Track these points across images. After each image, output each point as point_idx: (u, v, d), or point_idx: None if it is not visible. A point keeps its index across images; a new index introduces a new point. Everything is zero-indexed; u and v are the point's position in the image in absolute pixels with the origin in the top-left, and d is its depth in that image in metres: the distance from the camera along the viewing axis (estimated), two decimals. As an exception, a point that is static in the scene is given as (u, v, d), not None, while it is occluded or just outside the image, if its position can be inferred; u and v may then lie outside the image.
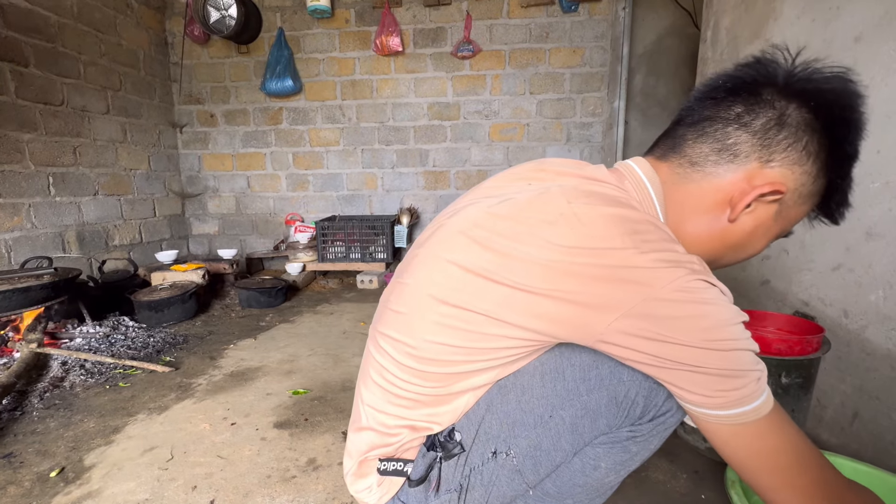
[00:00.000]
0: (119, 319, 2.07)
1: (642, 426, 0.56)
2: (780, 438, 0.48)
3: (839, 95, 0.51)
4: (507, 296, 0.50)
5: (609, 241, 0.47)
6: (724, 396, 0.46)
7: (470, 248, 0.53)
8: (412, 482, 0.62)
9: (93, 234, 2.52)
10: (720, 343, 0.45)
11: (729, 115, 0.53)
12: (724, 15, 1.62)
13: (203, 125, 3.27)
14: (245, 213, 3.39)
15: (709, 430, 0.49)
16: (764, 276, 1.39)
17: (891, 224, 0.97)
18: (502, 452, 0.59)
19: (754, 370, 0.46)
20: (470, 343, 0.54)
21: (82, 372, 1.58)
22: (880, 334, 1.00)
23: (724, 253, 0.58)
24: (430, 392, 0.59)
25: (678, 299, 0.45)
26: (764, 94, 0.52)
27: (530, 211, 0.52)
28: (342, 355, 1.77)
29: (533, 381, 0.58)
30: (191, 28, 3.03)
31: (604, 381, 0.55)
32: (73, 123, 2.40)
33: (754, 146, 0.52)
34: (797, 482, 0.49)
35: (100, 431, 1.24)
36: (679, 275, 0.45)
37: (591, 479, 0.59)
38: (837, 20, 1.12)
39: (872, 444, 1.02)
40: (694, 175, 0.55)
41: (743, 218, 0.55)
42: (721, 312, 0.46)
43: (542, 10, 2.93)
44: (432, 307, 0.55)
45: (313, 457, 1.12)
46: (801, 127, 0.51)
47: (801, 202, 0.54)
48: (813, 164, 0.52)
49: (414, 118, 3.16)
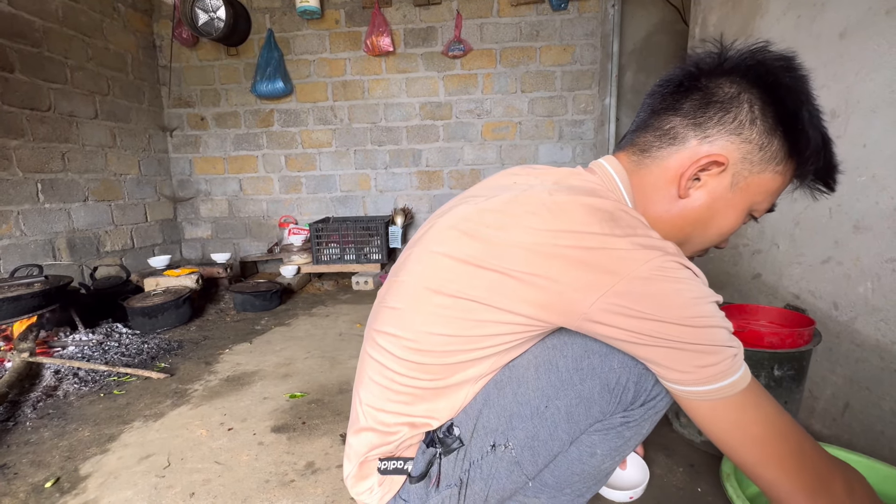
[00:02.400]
0: (112, 326, 2.05)
1: (634, 411, 0.57)
2: (759, 411, 0.51)
3: (761, 63, 0.55)
4: (497, 281, 0.53)
5: (588, 227, 0.51)
6: (700, 372, 0.48)
7: (459, 240, 0.56)
8: (413, 479, 0.62)
9: (84, 241, 2.49)
10: (694, 319, 0.48)
11: (664, 105, 0.59)
12: (712, 11, 1.63)
13: (193, 128, 3.25)
14: (238, 217, 3.37)
15: (690, 408, 0.52)
16: (755, 270, 1.40)
17: (877, 217, 0.99)
18: (501, 445, 0.60)
19: (729, 346, 0.49)
20: (465, 331, 0.56)
21: (76, 380, 1.56)
22: (869, 325, 1.02)
23: (691, 231, 0.61)
24: (428, 385, 0.60)
25: (653, 277, 0.48)
26: (697, 82, 0.57)
27: (515, 204, 0.56)
28: (339, 357, 1.76)
29: (527, 373, 0.59)
30: (179, 31, 3.00)
31: (595, 370, 0.57)
32: (60, 129, 2.37)
33: (687, 126, 0.57)
34: (778, 452, 0.51)
35: (95, 440, 1.23)
36: (654, 256, 0.49)
37: (587, 466, 0.60)
38: (822, 16, 1.13)
39: (863, 433, 1.04)
40: (645, 161, 0.61)
41: (695, 193, 0.58)
42: (693, 290, 0.49)
43: (532, 8, 2.93)
44: (428, 299, 0.58)
45: (311, 460, 1.12)
46: (728, 100, 0.55)
47: (759, 169, 0.56)
48: (753, 130, 0.54)
49: (406, 118, 3.15)
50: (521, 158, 3.14)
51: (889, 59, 0.95)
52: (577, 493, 0.64)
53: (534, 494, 0.64)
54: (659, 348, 0.49)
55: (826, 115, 0.58)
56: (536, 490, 0.63)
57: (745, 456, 0.52)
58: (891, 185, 0.95)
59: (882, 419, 0.99)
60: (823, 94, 1.10)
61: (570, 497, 0.64)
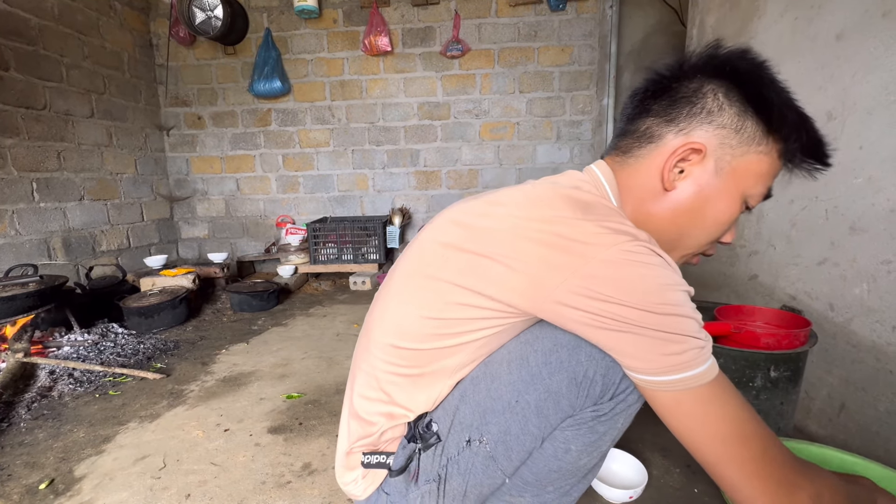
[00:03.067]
0: (108, 326, 2.04)
1: (604, 405, 0.57)
2: (724, 408, 0.50)
3: (714, 56, 0.58)
4: (471, 262, 0.56)
5: (559, 211, 0.53)
6: (663, 360, 0.48)
7: (447, 228, 0.61)
8: (393, 473, 0.64)
9: (79, 240, 2.48)
10: (658, 305, 0.47)
11: (636, 111, 0.63)
12: (710, 13, 1.63)
13: (190, 128, 3.23)
14: (235, 216, 3.36)
15: (654, 399, 0.52)
16: (752, 271, 1.41)
17: (874, 218, 0.99)
18: (475, 440, 0.61)
19: (695, 338, 0.48)
20: (440, 314, 0.58)
21: (71, 381, 1.55)
22: (865, 327, 1.02)
23: (683, 223, 0.61)
24: (405, 372, 0.63)
25: (620, 260, 0.48)
26: (661, 85, 0.61)
27: (501, 196, 0.60)
28: (336, 358, 1.76)
29: (500, 369, 0.61)
30: (176, 29, 2.99)
31: (563, 364, 0.57)
32: (56, 128, 2.35)
33: (661, 124, 0.60)
34: (740, 454, 0.49)
35: (90, 441, 1.22)
36: (622, 240, 0.49)
37: (564, 462, 0.60)
38: (819, 18, 1.13)
39: (859, 434, 1.04)
40: (628, 161, 0.63)
41: (681, 184, 0.59)
42: (661, 277, 0.49)
43: (531, 8, 2.94)
44: (410, 282, 0.62)
45: (308, 461, 1.11)
46: (692, 93, 0.58)
47: (740, 152, 0.57)
48: (723, 115, 0.57)
49: (404, 118, 3.15)
50: (519, 158, 3.15)
51: (885, 62, 0.96)
52: (561, 492, 0.64)
53: (518, 493, 0.64)
54: (622, 333, 0.49)
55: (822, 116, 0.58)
56: (519, 489, 0.64)
57: (706, 454, 0.51)
58: (887, 186, 0.96)
59: (878, 420, 1.00)
60: (820, 95, 1.11)
61: (554, 495, 0.64)
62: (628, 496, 0.93)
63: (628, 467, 1.02)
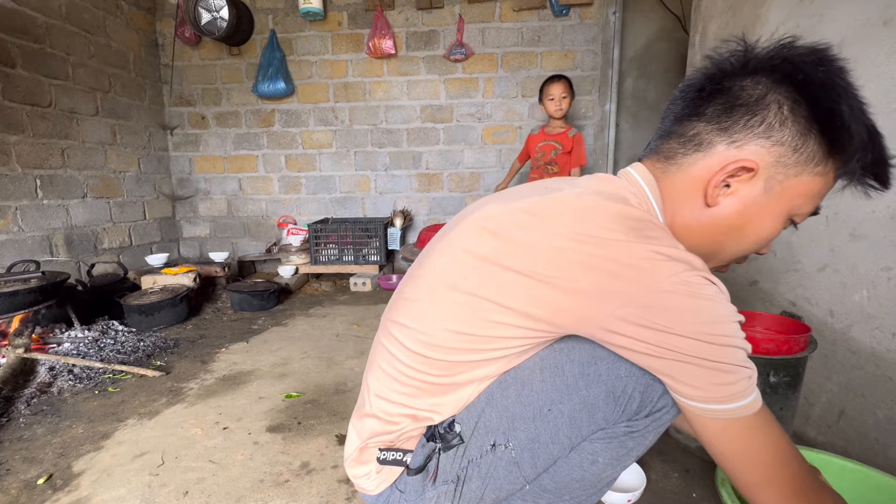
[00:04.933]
0: (108, 323, 2.04)
1: (639, 421, 0.57)
2: (767, 435, 0.51)
3: (787, 59, 0.51)
4: (513, 281, 0.52)
5: (612, 234, 0.49)
6: (716, 390, 0.48)
7: (481, 237, 0.56)
8: (411, 471, 0.63)
9: (81, 238, 2.48)
10: (715, 337, 0.47)
11: (687, 111, 0.56)
12: (712, 20, 1.64)
13: (194, 127, 3.25)
14: (237, 216, 3.37)
15: (700, 424, 0.51)
16: (752, 277, 1.41)
17: (874, 225, 0.99)
18: (501, 445, 0.60)
19: (746, 368, 0.48)
20: (476, 330, 0.55)
21: (70, 377, 1.55)
22: (865, 333, 1.02)
23: (722, 240, 0.58)
24: (434, 381, 0.60)
25: (678, 291, 0.47)
26: (720, 85, 0.54)
27: (541, 206, 0.55)
28: (335, 358, 1.76)
29: (533, 375, 0.59)
30: (181, 30, 3.01)
31: (602, 377, 0.56)
32: (61, 125, 2.37)
33: (713, 131, 0.54)
34: (779, 476, 0.51)
35: (89, 437, 1.22)
36: (680, 269, 0.47)
37: (588, 473, 0.60)
38: (821, 26, 1.14)
39: (858, 441, 1.04)
40: (670, 168, 0.58)
41: (725, 200, 0.55)
42: (718, 308, 0.48)
43: (534, 13, 2.95)
44: (444, 294, 0.57)
45: (307, 460, 1.11)
46: (753, 102, 0.52)
47: (795, 172, 0.52)
48: (784, 132, 0.51)
49: (407, 120, 3.16)
50: (521, 162, 3.15)
51: (886, 70, 0.96)
52: (576, 501, 0.63)
53: (532, 499, 0.64)
54: (676, 362, 0.48)
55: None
56: (535, 495, 0.63)
57: (747, 477, 0.52)
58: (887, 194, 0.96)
59: (877, 426, 1.00)
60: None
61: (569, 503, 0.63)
62: (626, 500, 0.92)
63: (627, 471, 1.01)
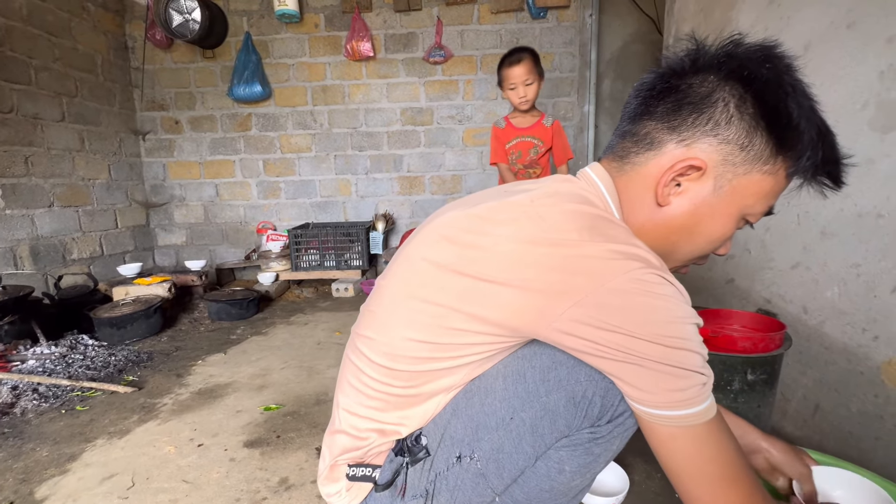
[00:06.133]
0: (77, 338, 1.96)
1: (602, 427, 0.56)
2: (718, 448, 0.49)
3: (733, 56, 0.51)
4: (469, 287, 0.52)
5: (566, 234, 0.49)
6: (667, 395, 0.47)
7: (439, 244, 0.57)
8: (379, 487, 0.62)
9: (48, 248, 2.38)
10: (668, 339, 0.46)
11: (640, 110, 0.57)
12: (685, 22, 1.67)
13: (168, 132, 3.16)
14: (214, 223, 3.28)
15: (649, 429, 0.50)
16: (729, 275, 1.43)
17: (842, 223, 1.02)
18: (466, 456, 0.59)
19: (700, 374, 0.47)
20: (436, 338, 0.55)
21: (35, 396, 1.48)
22: (837, 329, 1.04)
23: (675, 240, 0.58)
24: (400, 392, 0.60)
25: (631, 290, 0.46)
26: (671, 82, 0.55)
27: (496, 211, 0.55)
28: (317, 367, 1.72)
29: (496, 383, 0.58)
30: (152, 32, 2.92)
31: (562, 382, 0.55)
32: (24, 132, 2.27)
33: (662, 130, 0.55)
34: (725, 496, 0.49)
35: (53, 460, 1.16)
36: (634, 266, 0.46)
37: (556, 482, 0.58)
38: (789, 29, 1.17)
39: (833, 434, 1.06)
40: (625, 167, 0.59)
41: (676, 200, 0.55)
42: (673, 309, 0.47)
43: (512, 16, 2.97)
44: (403, 304, 0.58)
45: (285, 476, 1.08)
46: (700, 99, 0.52)
47: (744, 170, 0.52)
48: (730, 130, 0.51)
49: (387, 123, 3.13)
50: (503, 164, 3.16)
51: (850, 72, 0.99)
52: None
53: None
54: (627, 364, 0.47)
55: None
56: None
57: (693, 491, 0.50)
58: (854, 192, 0.98)
59: (850, 420, 1.02)
60: (790, 104, 1.14)
61: None
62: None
63: (611, 474, 1.01)
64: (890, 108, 0.90)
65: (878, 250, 0.94)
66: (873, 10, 0.93)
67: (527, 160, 2.06)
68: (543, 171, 2.08)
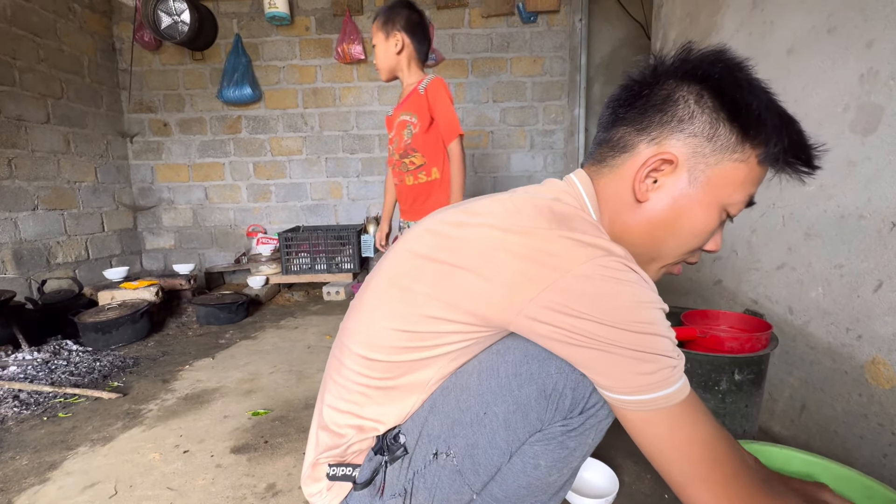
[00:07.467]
0: (61, 343, 1.92)
1: (573, 419, 0.56)
2: (694, 429, 0.49)
3: (686, 61, 0.56)
4: (445, 273, 0.54)
5: (537, 223, 0.52)
6: (635, 380, 0.47)
7: (422, 237, 0.60)
8: (358, 486, 0.63)
9: (32, 252, 2.34)
10: (633, 325, 0.46)
11: (611, 119, 0.61)
12: (672, 28, 1.69)
13: (156, 134, 3.12)
14: (203, 226, 3.25)
15: (623, 417, 0.51)
16: (716, 277, 1.45)
17: (826, 225, 1.03)
18: (442, 453, 0.59)
19: (668, 356, 0.47)
20: (414, 326, 0.57)
21: (16, 403, 1.45)
22: (822, 329, 1.05)
23: (660, 235, 0.59)
24: (378, 385, 0.61)
25: (594, 275, 0.47)
26: (633, 92, 0.59)
27: (478, 206, 0.59)
28: (306, 371, 1.71)
29: (470, 379, 0.59)
30: (140, 34, 2.89)
31: (533, 376, 0.56)
32: (7, 133, 2.23)
33: (633, 133, 0.58)
34: (709, 476, 0.48)
35: (33, 469, 1.13)
36: (597, 254, 0.48)
37: (533, 478, 0.58)
38: (772, 34, 1.19)
39: (819, 433, 1.07)
40: (603, 171, 0.62)
41: (654, 195, 0.58)
42: (638, 294, 0.48)
43: (503, 20, 2.98)
44: (385, 293, 0.60)
45: (273, 482, 1.06)
46: (662, 101, 0.56)
47: (714, 160, 0.55)
48: (695, 123, 0.55)
49: (378, 126, 3.13)
50: (494, 167, 3.17)
51: (832, 75, 1.01)
52: None
53: None
54: (593, 350, 0.48)
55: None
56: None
57: (675, 474, 0.50)
58: (836, 194, 1.00)
59: (835, 419, 1.03)
60: (774, 107, 1.15)
61: None
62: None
63: (600, 475, 1.01)
64: (870, 111, 0.92)
65: (860, 251, 0.95)
66: (853, 16, 0.95)
67: (402, 146, 1.48)
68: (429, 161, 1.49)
